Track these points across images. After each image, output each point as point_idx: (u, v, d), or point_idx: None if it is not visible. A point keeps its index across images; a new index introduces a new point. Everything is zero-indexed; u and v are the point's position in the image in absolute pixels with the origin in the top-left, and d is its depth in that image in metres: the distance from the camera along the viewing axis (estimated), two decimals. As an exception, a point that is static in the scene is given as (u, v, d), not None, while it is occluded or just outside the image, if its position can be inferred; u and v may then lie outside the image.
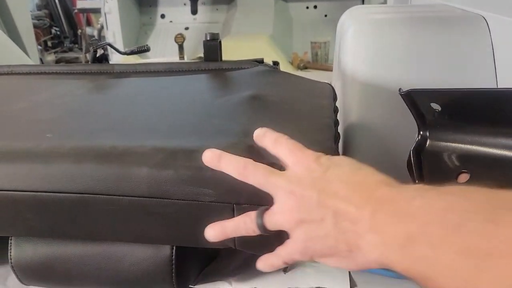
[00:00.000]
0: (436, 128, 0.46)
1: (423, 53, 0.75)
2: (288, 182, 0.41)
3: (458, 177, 0.43)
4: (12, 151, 0.49)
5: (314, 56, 2.21)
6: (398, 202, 0.33)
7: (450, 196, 0.31)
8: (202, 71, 0.77)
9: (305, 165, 0.41)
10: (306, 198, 0.39)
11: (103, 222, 0.49)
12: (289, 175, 0.41)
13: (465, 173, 0.43)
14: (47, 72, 0.81)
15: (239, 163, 0.44)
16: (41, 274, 0.55)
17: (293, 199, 0.40)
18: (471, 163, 0.43)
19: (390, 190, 0.35)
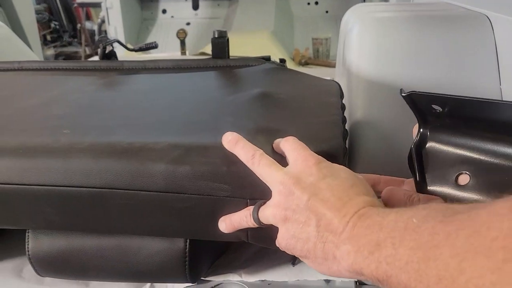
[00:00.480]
0: (437, 126, 0.47)
1: (427, 52, 0.76)
2: (284, 177, 0.43)
3: (458, 178, 0.44)
4: (32, 146, 0.50)
5: (315, 52, 2.23)
6: (375, 218, 0.36)
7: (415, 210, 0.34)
8: (210, 68, 0.78)
9: (304, 166, 0.43)
10: (296, 197, 0.41)
11: (120, 215, 0.50)
12: (288, 171, 0.43)
13: (465, 174, 0.43)
14: (57, 68, 0.82)
15: (250, 151, 0.46)
16: (58, 266, 0.56)
17: (284, 194, 0.42)
18: (471, 165, 0.43)
19: (371, 209, 0.38)
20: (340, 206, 0.39)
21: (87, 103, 0.63)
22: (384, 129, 0.75)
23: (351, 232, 0.37)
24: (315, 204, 0.40)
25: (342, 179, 0.42)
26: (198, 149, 0.48)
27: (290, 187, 0.42)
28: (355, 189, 0.41)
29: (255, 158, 0.45)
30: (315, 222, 0.39)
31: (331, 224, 0.38)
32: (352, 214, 0.38)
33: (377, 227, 0.35)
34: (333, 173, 0.42)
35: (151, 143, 0.50)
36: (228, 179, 0.47)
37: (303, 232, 0.40)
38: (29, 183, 0.49)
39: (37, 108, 0.62)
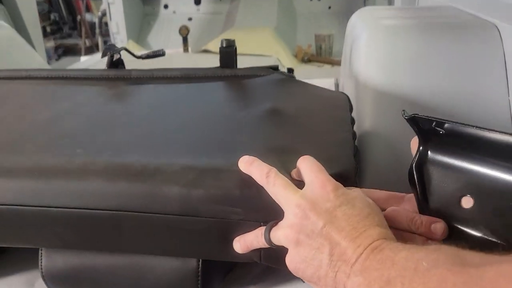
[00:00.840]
0: (439, 146, 0.46)
1: (436, 62, 0.76)
2: (301, 200, 0.43)
3: (461, 200, 0.43)
4: (46, 168, 0.51)
5: (318, 49, 2.22)
6: (388, 252, 0.37)
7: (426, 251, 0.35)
8: (218, 78, 0.78)
9: (322, 191, 0.43)
10: (311, 222, 0.41)
11: (134, 236, 0.50)
12: (304, 194, 0.43)
13: (468, 197, 0.43)
14: (65, 77, 0.81)
15: (264, 170, 0.46)
16: (71, 284, 0.57)
17: (299, 217, 0.42)
18: (474, 188, 0.42)
19: (384, 243, 0.38)
20: (355, 237, 0.39)
21: (98, 119, 0.63)
22: (392, 140, 0.75)
23: (364, 264, 0.37)
24: (330, 232, 0.40)
25: (358, 208, 0.42)
26: (212, 172, 0.49)
27: (306, 212, 0.42)
28: (370, 219, 0.41)
29: (270, 177, 0.45)
30: (329, 250, 0.40)
31: (344, 254, 0.39)
32: (366, 245, 0.38)
33: (389, 263, 0.35)
34: (349, 201, 0.42)
35: (164, 165, 0.50)
36: (241, 203, 0.47)
37: (315, 259, 0.40)
38: (44, 205, 0.49)
39: (49, 124, 0.62)
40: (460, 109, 0.73)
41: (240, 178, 0.47)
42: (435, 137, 0.45)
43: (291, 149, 0.53)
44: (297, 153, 0.51)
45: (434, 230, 0.43)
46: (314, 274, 0.41)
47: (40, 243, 0.54)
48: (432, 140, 0.46)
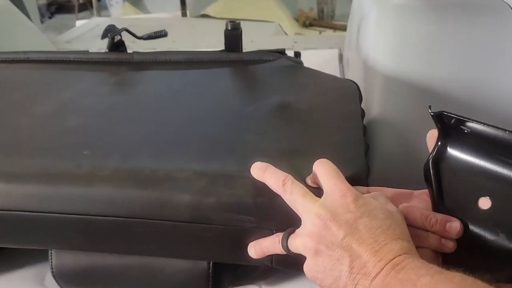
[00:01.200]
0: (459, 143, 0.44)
1: (448, 45, 0.73)
2: (321, 210, 0.42)
3: (479, 201, 0.42)
4: (53, 173, 0.50)
5: (320, 13, 2.17)
6: (409, 274, 0.36)
7: (450, 285, 0.35)
8: (224, 63, 0.76)
9: (342, 201, 0.42)
10: (331, 233, 0.41)
11: (144, 241, 0.50)
12: (324, 204, 0.42)
13: (486, 198, 0.42)
14: (65, 60, 0.79)
15: (280, 177, 0.45)
16: (82, 282, 0.57)
17: (318, 227, 0.41)
18: (493, 190, 0.41)
19: (406, 259, 0.38)
20: (376, 250, 0.39)
21: (102, 113, 0.62)
22: (402, 127, 0.73)
23: (384, 280, 0.37)
24: (351, 244, 0.40)
25: (380, 220, 0.41)
26: (224, 179, 0.48)
27: (326, 222, 0.41)
28: (391, 232, 0.40)
29: (287, 185, 0.45)
30: (349, 263, 0.39)
31: (365, 267, 0.38)
32: (387, 261, 0.38)
33: (410, 287, 0.35)
34: (370, 212, 0.42)
35: (174, 170, 0.49)
36: (254, 211, 0.47)
37: (334, 270, 0.40)
38: (52, 211, 0.49)
39: (51, 118, 0.61)
40: (473, 94, 0.72)
41: (253, 186, 0.47)
42: (457, 134, 0.44)
43: (302, 151, 0.52)
44: (309, 155, 0.50)
45: (449, 229, 0.43)
46: (333, 285, 0.40)
47: (50, 245, 0.54)
48: (453, 137, 0.45)
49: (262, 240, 0.48)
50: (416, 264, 0.37)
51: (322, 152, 0.52)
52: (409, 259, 0.38)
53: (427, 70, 0.72)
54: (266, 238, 0.47)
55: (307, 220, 0.43)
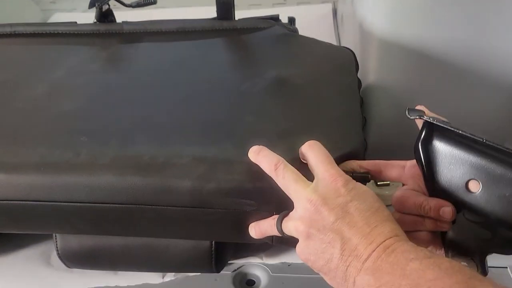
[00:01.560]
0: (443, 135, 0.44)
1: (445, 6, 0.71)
2: (312, 195, 0.43)
3: (469, 183, 0.43)
4: (53, 163, 0.49)
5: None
6: (399, 258, 0.37)
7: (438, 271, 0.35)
8: (217, 32, 0.74)
9: (333, 186, 0.43)
10: (322, 217, 0.41)
11: (146, 225, 0.51)
12: (315, 189, 0.43)
13: (475, 181, 0.43)
14: (53, 33, 0.77)
15: (272, 160, 0.46)
16: (87, 261, 0.59)
17: (310, 211, 0.42)
18: (481, 172, 0.42)
19: (396, 242, 0.39)
20: (367, 233, 0.40)
21: (96, 93, 0.61)
22: (398, 94, 0.73)
23: (375, 263, 0.38)
24: (342, 227, 0.41)
25: (369, 203, 0.42)
26: (223, 164, 0.48)
27: (318, 207, 0.42)
28: (380, 214, 0.41)
29: (279, 170, 0.45)
30: (340, 245, 0.40)
31: (356, 250, 0.40)
32: (378, 243, 0.39)
33: (400, 271, 0.36)
34: (360, 196, 0.42)
35: (174, 156, 0.49)
36: (254, 195, 0.47)
37: (326, 252, 0.41)
38: (54, 200, 0.49)
39: (45, 101, 0.59)
40: (471, 57, 0.71)
41: (252, 170, 0.47)
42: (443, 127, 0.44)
43: (300, 130, 0.52)
44: (307, 134, 0.50)
45: (442, 214, 0.44)
46: (325, 266, 0.42)
47: (53, 231, 0.55)
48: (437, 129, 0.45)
49: (260, 222, 0.49)
50: (406, 247, 0.38)
51: (320, 130, 0.52)
52: (400, 242, 0.39)
53: (425, 34, 0.71)
54: (264, 221, 0.48)
55: (298, 205, 0.44)
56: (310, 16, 1.29)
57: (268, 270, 0.62)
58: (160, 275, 0.61)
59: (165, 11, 1.31)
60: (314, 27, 1.24)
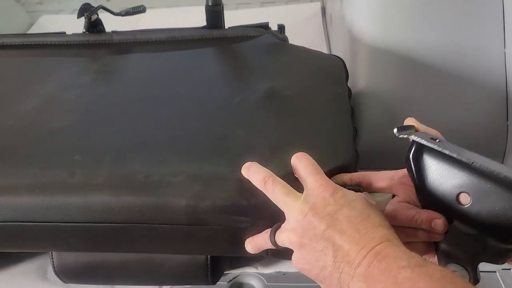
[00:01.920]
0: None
1: (433, 13, 0.72)
2: (303, 206, 0.44)
3: (459, 196, 0.43)
4: (47, 183, 0.50)
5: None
6: (391, 264, 0.38)
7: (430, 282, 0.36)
8: (207, 41, 0.74)
9: (322, 196, 0.44)
10: (313, 226, 0.42)
11: (143, 242, 0.51)
12: (305, 200, 0.44)
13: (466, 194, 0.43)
14: (42, 44, 0.76)
15: (261, 175, 0.47)
16: (84, 277, 0.59)
17: (301, 222, 0.43)
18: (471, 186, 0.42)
19: (388, 247, 0.39)
20: (358, 239, 0.41)
21: (87, 108, 0.61)
22: (388, 100, 0.73)
23: (367, 269, 0.39)
24: (333, 235, 0.41)
25: (359, 210, 0.43)
26: (217, 182, 0.48)
27: (308, 217, 0.43)
28: (371, 220, 0.42)
29: (268, 184, 0.46)
30: (332, 252, 0.41)
31: (347, 256, 0.40)
32: (369, 249, 0.40)
33: (391, 279, 0.37)
34: (349, 203, 0.43)
35: (168, 175, 0.49)
36: (248, 211, 0.48)
37: (319, 260, 0.42)
38: (50, 220, 0.49)
39: (36, 117, 0.59)
40: (456, 63, 0.72)
41: (246, 187, 0.47)
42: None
43: (292, 144, 0.52)
44: (299, 148, 0.51)
45: (434, 226, 0.45)
46: (319, 274, 0.42)
47: (50, 249, 0.55)
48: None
49: (255, 238, 0.50)
50: (398, 253, 0.39)
51: (311, 143, 0.53)
52: (392, 248, 0.40)
53: (413, 38, 0.71)
54: (259, 235, 0.49)
55: (290, 216, 0.45)
56: (299, 15, 1.30)
57: (263, 280, 0.63)
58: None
59: (153, 11, 1.31)
60: (303, 27, 1.25)
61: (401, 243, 0.41)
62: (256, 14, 1.36)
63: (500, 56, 0.72)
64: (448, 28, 0.71)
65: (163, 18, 1.29)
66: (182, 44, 0.74)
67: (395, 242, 0.41)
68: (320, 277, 0.43)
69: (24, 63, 0.73)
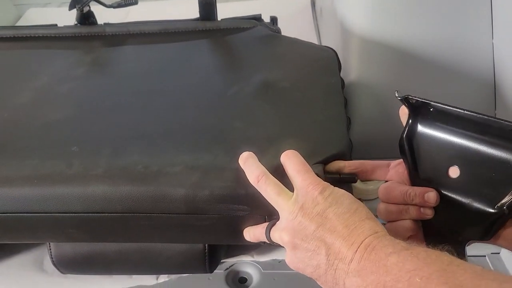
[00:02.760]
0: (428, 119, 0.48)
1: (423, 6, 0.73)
2: (292, 207, 0.45)
3: (449, 170, 0.46)
4: (45, 174, 0.50)
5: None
6: (379, 254, 0.39)
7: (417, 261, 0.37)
8: (200, 33, 0.75)
9: (311, 196, 0.45)
10: (304, 226, 0.44)
11: (141, 232, 0.52)
12: (295, 200, 0.45)
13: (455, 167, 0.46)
14: (34, 36, 0.76)
15: (254, 172, 0.47)
16: (82, 267, 0.59)
17: (292, 222, 0.44)
18: (460, 159, 0.45)
19: (376, 238, 0.41)
20: (347, 235, 0.42)
21: (82, 100, 0.61)
22: (380, 92, 0.75)
23: (359, 263, 0.40)
24: (323, 234, 0.43)
25: (347, 205, 0.44)
26: (215, 171, 0.49)
27: (298, 217, 0.44)
28: (358, 214, 0.43)
29: (261, 183, 0.47)
30: (325, 251, 0.42)
31: (340, 253, 0.42)
32: (359, 243, 0.41)
33: (382, 269, 0.38)
34: (337, 200, 0.44)
35: (167, 165, 0.50)
36: (246, 201, 0.49)
37: (313, 259, 0.43)
38: (49, 211, 0.50)
39: (31, 110, 0.60)
40: (445, 53, 0.73)
41: (244, 176, 0.48)
42: (424, 113, 0.48)
43: (288, 135, 0.53)
44: (293, 138, 0.52)
45: (427, 199, 0.47)
46: (314, 273, 0.44)
47: (48, 240, 0.55)
48: (421, 115, 0.48)
49: (253, 229, 0.51)
50: (385, 242, 0.40)
51: (306, 134, 0.54)
52: (379, 238, 0.41)
53: (405, 31, 0.72)
54: (256, 228, 0.50)
55: (282, 216, 0.46)
56: (288, 8, 1.30)
57: (260, 267, 0.64)
58: (154, 277, 0.63)
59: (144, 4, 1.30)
60: (293, 20, 1.25)
61: (387, 232, 0.43)
62: (246, 6, 1.37)
63: (488, 47, 0.74)
64: (438, 20, 0.73)
65: (153, 11, 1.28)
66: (175, 36, 0.74)
67: (382, 232, 0.42)
68: (315, 275, 0.44)
69: (16, 55, 0.73)
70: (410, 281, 0.36)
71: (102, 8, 0.80)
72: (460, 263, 0.37)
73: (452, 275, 0.35)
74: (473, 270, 0.35)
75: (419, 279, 0.36)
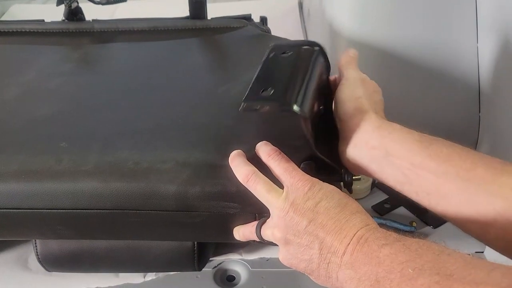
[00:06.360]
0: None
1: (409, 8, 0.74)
2: (283, 204, 0.45)
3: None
4: (34, 170, 0.49)
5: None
6: (372, 246, 0.40)
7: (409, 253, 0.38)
8: (190, 31, 0.74)
9: (301, 191, 0.45)
10: (296, 222, 0.44)
11: (131, 229, 0.52)
12: (286, 196, 0.45)
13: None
14: (21, 31, 0.75)
15: (243, 171, 0.48)
16: (68, 265, 0.59)
17: (284, 219, 0.45)
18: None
19: (367, 231, 0.41)
20: (339, 229, 0.42)
21: (71, 96, 0.60)
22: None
23: (352, 256, 0.41)
24: (315, 228, 0.43)
25: (336, 200, 0.45)
26: (206, 169, 0.49)
27: (290, 214, 0.44)
28: (349, 208, 0.44)
29: (250, 181, 0.47)
30: (318, 245, 0.43)
31: (332, 246, 0.42)
32: (351, 236, 0.41)
33: (375, 260, 0.39)
34: (327, 195, 0.45)
35: (157, 161, 0.50)
36: (237, 198, 0.49)
37: (305, 254, 0.44)
38: (37, 207, 0.49)
39: (19, 105, 0.59)
40: (430, 57, 0.74)
41: (234, 174, 0.48)
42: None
43: None
44: None
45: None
46: (307, 267, 0.44)
47: (36, 237, 0.55)
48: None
49: (243, 228, 0.51)
50: (377, 234, 0.41)
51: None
52: (370, 231, 0.41)
53: (389, 32, 0.74)
54: (246, 227, 0.51)
55: (273, 213, 0.46)
56: (276, 9, 1.31)
57: (248, 266, 0.64)
58: (141, 275, 0.62)
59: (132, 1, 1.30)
60: (281, 21, 1.26)
61: (378, 225, 0.43)
62: (234, 6, 1.37)
63: (472, 50, 0.75)
64: (423, 23, 0.74)
65: (141, 10, 1.28)
66: (165, 34, 0.74)
67: (373, 225, 0.43)
68: (308, 270, 0.44)
69: (2, 50, 0.72)
70: (403, 272, 0.36)
71: (88, 5, 0.79)
72: (451, 252, 0.37)
73: (443, 265, 0.35)
74: (463, 259, 0.36)
75: (411, 270, 0.36)
